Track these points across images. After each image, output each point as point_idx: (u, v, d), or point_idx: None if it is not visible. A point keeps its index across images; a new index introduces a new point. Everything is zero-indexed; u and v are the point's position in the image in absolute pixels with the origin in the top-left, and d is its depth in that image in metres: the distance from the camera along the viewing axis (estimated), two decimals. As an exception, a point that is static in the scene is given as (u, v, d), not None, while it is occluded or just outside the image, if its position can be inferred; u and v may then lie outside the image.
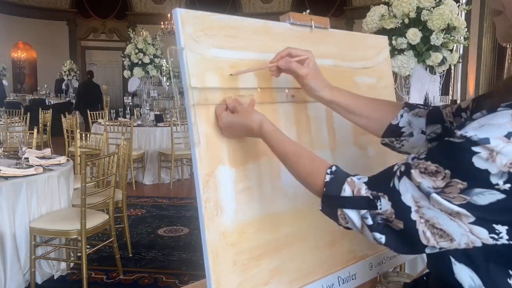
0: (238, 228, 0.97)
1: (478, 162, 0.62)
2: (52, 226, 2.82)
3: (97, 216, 2.99)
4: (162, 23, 14.27)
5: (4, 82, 13.40)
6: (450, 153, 0.67)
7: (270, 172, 1.05)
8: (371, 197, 0.75)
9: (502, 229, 0.65)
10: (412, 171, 0.70)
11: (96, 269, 3.31)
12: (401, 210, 0.71)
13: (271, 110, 1.08)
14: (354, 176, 0.81)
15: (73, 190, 3.39)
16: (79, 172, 3.02)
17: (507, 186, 0.61)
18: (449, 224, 0.67)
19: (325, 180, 0.82)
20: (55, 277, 3.15)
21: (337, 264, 1.17)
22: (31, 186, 2.90)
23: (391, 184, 0.72)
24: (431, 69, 2.63)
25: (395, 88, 1.83)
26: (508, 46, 9.03)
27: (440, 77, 2.71)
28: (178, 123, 6.07)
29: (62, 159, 3.43)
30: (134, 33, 6.98)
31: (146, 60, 6.57)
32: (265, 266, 1.01)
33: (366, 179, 0.79)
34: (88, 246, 3.00)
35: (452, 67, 2.77)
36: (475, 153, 0.62)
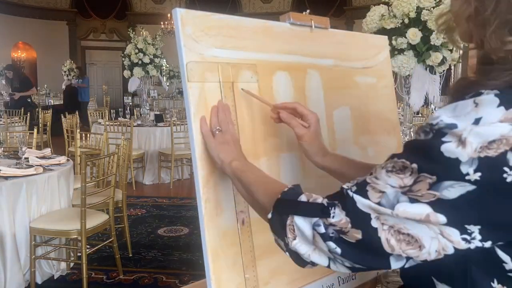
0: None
1: (448, 150, 0.58)
2: (52, 226, 2.82)
3: (97, 216, 2.99)
4: (162, 23, 14.27)
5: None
6: (417, 146, 0.64)
7: (270, 172, 1.05)
8: (325, 204, 0.69)
9: (475, 228, 0.60)
10: (369, 186, 0.65)
11: (96, 269, 3.31)
12: (358, 218, 0.65)
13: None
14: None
15: (73, 190, 3.39)
16: (79, 172, 3.02)
17: (478, 175, 0.57)
18: (417, 227, 0.62)
19: (283, 190, 0.78)
20: (55, 277, 3.15)
21: (337, 264, 1.17)
22: (31, 186, 2.91)
23: (345, 193, 0.68)
24: (431, 69, 2.63)
25: (395, 88, 1.83)
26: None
27: (440, 77, 2.71)
28: (178, 123, 6.07)
29: (62, 159, 3.43)
30: (134, 33, 6.97)
31: (146, 60, 6.57)
32: (265, 266, 1.01)
33: (324, 196, 0.74)
34: (88, 246, 3.00)
35: (452, 67, 2.76)
36: (444, 142, 0.59)
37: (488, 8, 0.63)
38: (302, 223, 0.71)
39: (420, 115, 6.65)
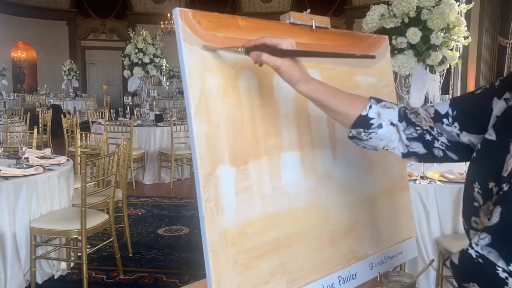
0: (239, 227, 0.97)
1: None
2: (52, 226, 2.82)
3: (97, 216, 2.99)
4: (162, 22, 14.28)
5: (4, 82, 13.40)
6: None
7: (270, 171, 1.05)
8: None
9: None
10: None
11: (96, 268, 3.31)
12: None
13: (271, 107, 1.08)
14: None
15: (73, 190, 3.39)
16: (79, 172, 3.02)
17: None
18: None
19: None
20: (55, 277, 3.15)
21: (337, 264, 1.17)
22: (31, 186, 2.91)
23: None
24: (431, 68, 2.63)
25: (395, 87, 1.83)
26: (508, 45, 9.02)
27: (440, 76, 2.71)
28: (178, 122, 6.07)
29: (62, 159, 3.43)
30: (134, 33, 6.98)
31: (146, 59, 6.57)
32: (266, 265, 1.01)
33: None
34: (88, 246, 3.00)
35: (452, 66, 2.77)
36: None
37: None
38: None
39: (420, 114, 6.64)
